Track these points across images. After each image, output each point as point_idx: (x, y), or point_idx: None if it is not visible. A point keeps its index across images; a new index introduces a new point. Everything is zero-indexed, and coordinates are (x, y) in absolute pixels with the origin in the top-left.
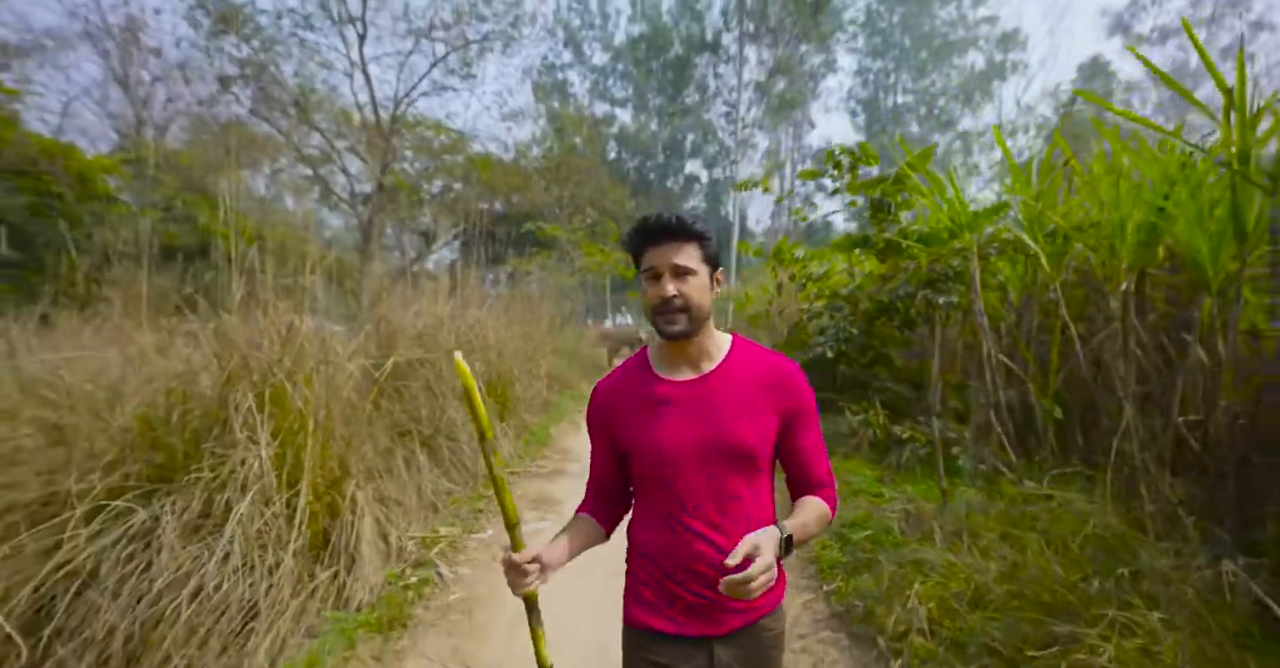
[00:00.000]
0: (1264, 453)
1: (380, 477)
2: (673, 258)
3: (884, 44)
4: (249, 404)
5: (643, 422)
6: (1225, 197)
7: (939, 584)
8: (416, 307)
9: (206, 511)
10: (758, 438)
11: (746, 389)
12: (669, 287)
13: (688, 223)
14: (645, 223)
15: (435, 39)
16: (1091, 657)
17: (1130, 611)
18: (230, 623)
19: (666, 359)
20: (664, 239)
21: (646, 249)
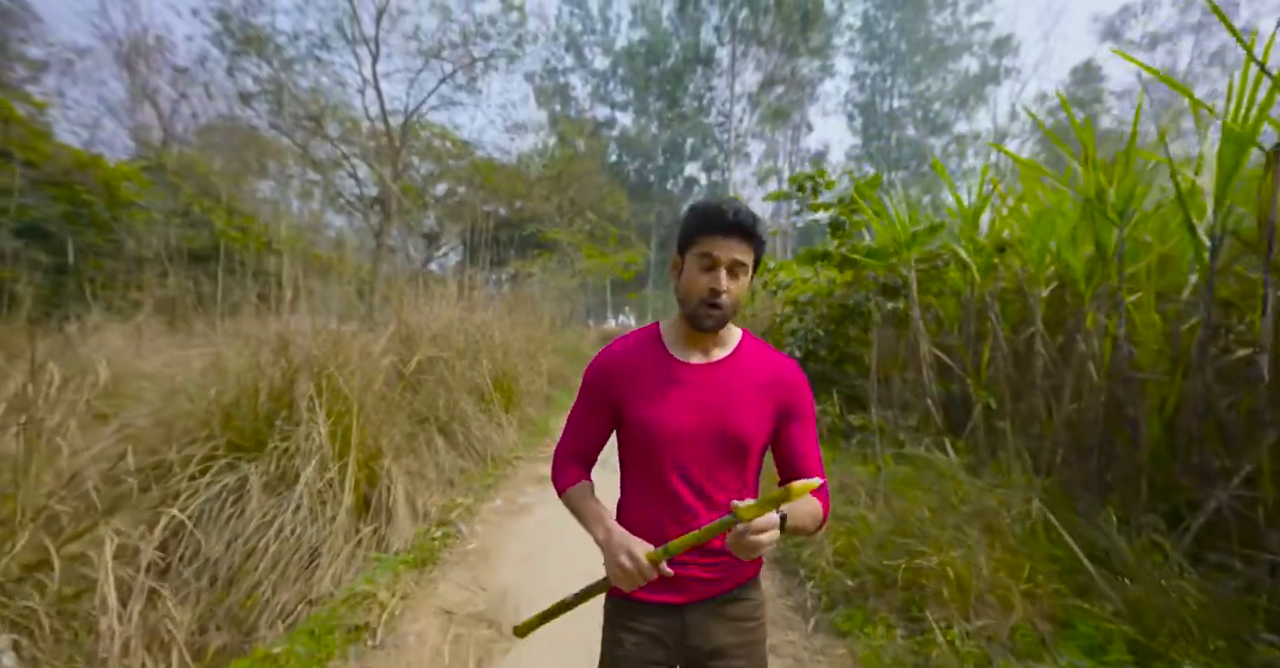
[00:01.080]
0: (1114, 428)
1: (406, 455)
2: (735, 254)
3: (880, 49)
4: (310, 392)
5: (655, 399)
6: (1088, 226)
7: (849, 532)
8: (429, 310)
9: (281, 474)
10: (756, 430)
11: (752, 382)
12: (724, 281)
13: (757, 225)
14: (721, 213)
15: (444, 59)
16: (924, 561)
17: (961, 533)
18: (301, 559)
19: (682, 341)
20: (734, 234)
21: (712, 237)
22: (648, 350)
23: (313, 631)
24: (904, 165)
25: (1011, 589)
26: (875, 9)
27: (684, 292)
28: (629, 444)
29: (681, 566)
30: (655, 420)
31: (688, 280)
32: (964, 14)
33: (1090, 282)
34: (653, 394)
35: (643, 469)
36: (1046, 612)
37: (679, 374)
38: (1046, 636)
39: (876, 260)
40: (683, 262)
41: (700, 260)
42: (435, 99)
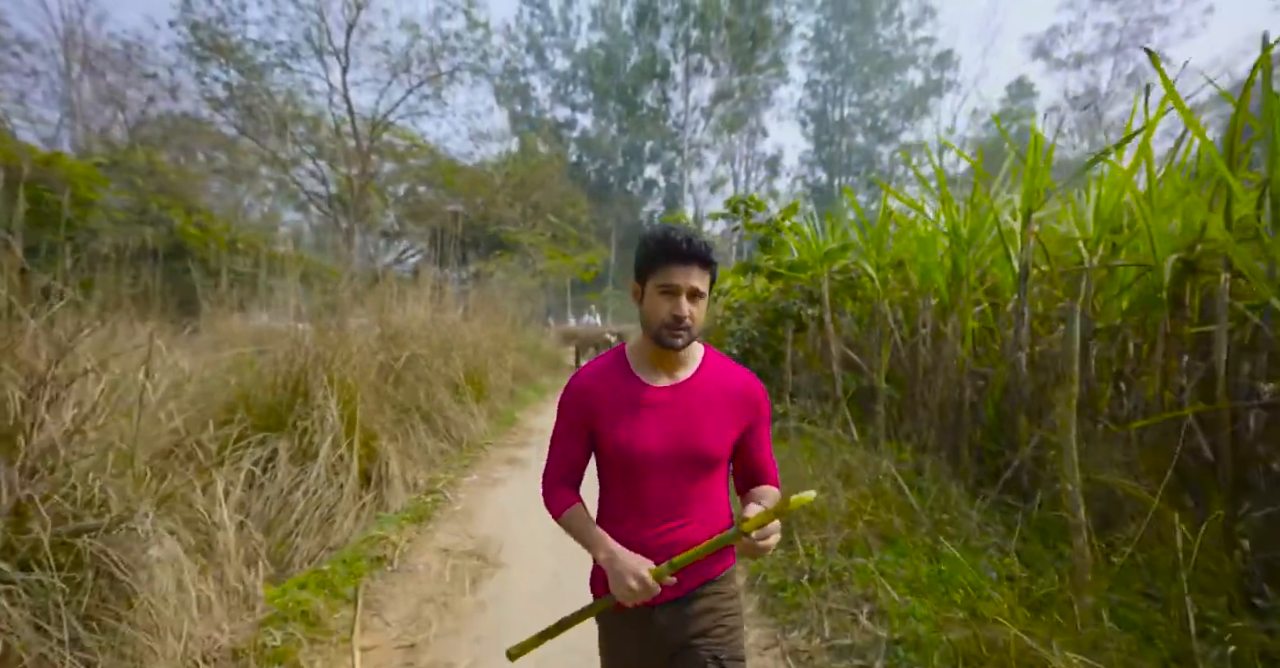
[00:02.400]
0: (963, 411)
1: (396, 438)
2: (693, 281)
3: (831, 59)
4: (324, 382)
5: (626, 422)
6: (948, 251)
7: None
8: (405, 310)
9: (303, 447)
10: (722, 444)
11: (717, 399)
12: (685, 307)
13: (711, 253)
14: (677, 245)
15: (412, 73)
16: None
17: (830, 483)
18: (321, 515)
19: (647, 364)
20: (691, 263)
21: (670, 266)
22: (615, 375)
23: (344, 559)
24: (854, 171)
25: (856, 518)
26: (826, 20)
27: (647, 317)
28: (605, 465)
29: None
30: (626, 444)
31: (650, 307)
32: (909, 28)
33: (951, 296)
34: (623, 418)
35: (619, 486)
36: (879, 533)
37: (646, 397)
38: (874, 546)
39: (797, 273)
40: (643, 289)
41: (660, 288)
42: (403, 108)
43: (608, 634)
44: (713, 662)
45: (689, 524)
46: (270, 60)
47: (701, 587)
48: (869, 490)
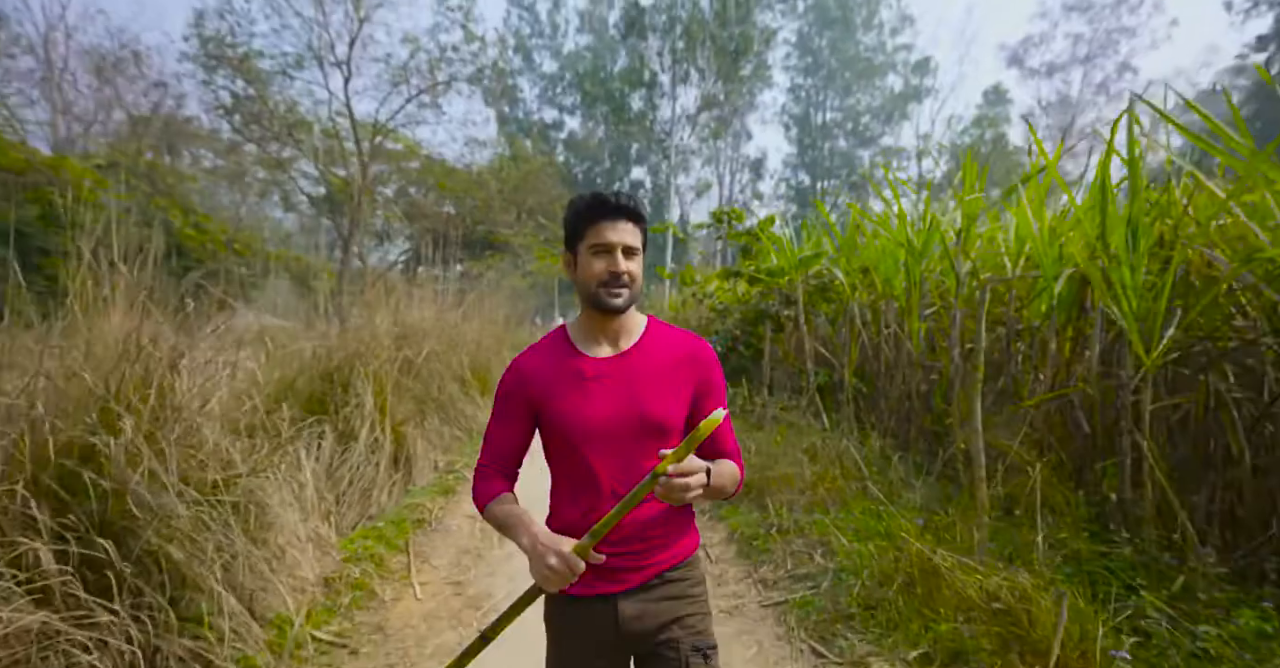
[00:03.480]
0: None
1: (419, 426)
2: (626, 237)
3: (814, 64)
4: (363, 374)
5: (569, 397)
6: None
7: None
8: (415, 310)
9: (345, 430)
10: (672, 412)
11: (664, 366)
12: (622, 263)
13: (639, 206)
14: (602, 200)
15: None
16: (771, 473)
17: (798, 459)
18: (361, 489)
19: (589, 336)
20: (620, 218)
21: (599, 224)
22: (556, 351)
23: (392, 520)
24: (835, 174)
25: (818, 486)
26: (809, 26)
27: (583, 281)
28: (551, 443)
29: (615, 555)
30: (571, 417)
31: (584, 271)
32: (888, 36)
33: (909, 300)
34: (567, 392)
35: (567, 465)
36: (836, 497)
37: (589, 369)
38: (831, 507)
39: (775, 278)
40: (575, 256)
41: (593, 249)
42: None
43: (561, 633)
44: (694, 653)
45: (652, 509)
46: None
47: (666, 572)
48: (830, 465)
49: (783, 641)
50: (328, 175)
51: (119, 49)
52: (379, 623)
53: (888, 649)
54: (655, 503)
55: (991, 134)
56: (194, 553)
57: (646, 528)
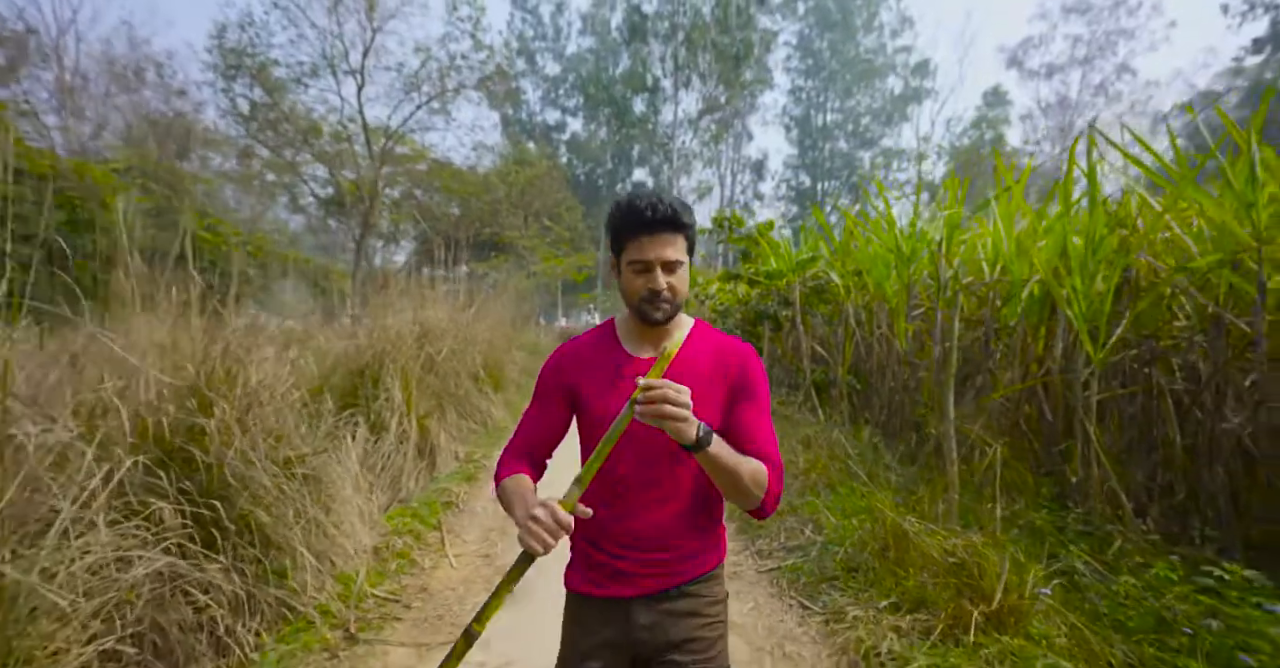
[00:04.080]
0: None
1: (440, 419)
2: (666, 252)
3: (815, 66)
4: (390, 369)
5: (605, 393)
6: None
7: None
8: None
9: (376, 422)
10: (709, 418)
11: (701, 372)
12: (662, 280)
13: (683, 216)
14: (641, 212)
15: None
16: None
17: (793, 447)
18: (391, 475)
19: (634, 335)
20: (660, 230)
21: (637, 239)
22: (602, 347)
23: (425, 502)
24: (836, 175)
25: (810, 472)
26: (809, 28)
27: (625, 293)
28: (585, 439)
29: (629, 560)
30: (600, 411)
31: (626, 283)
32: (888, 37)
33: (898, 302)
34: (604, 389)
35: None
36: (827, 482)
37: (629, 369)
38: (822, 491)
39: (773, 281)
40: (618, 263)
41: (633, 265)
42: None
43: (572, 633)
44: None
45: (662, 508)
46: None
47: (685, 585)
48: (822, 454)
49: (775, 598)
50: (338, 178)
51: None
52: (423, 585)
53: (864, 602)
54: (682, 514)
55: (991, 135)
56: (278, 517)
57: (670, 535)
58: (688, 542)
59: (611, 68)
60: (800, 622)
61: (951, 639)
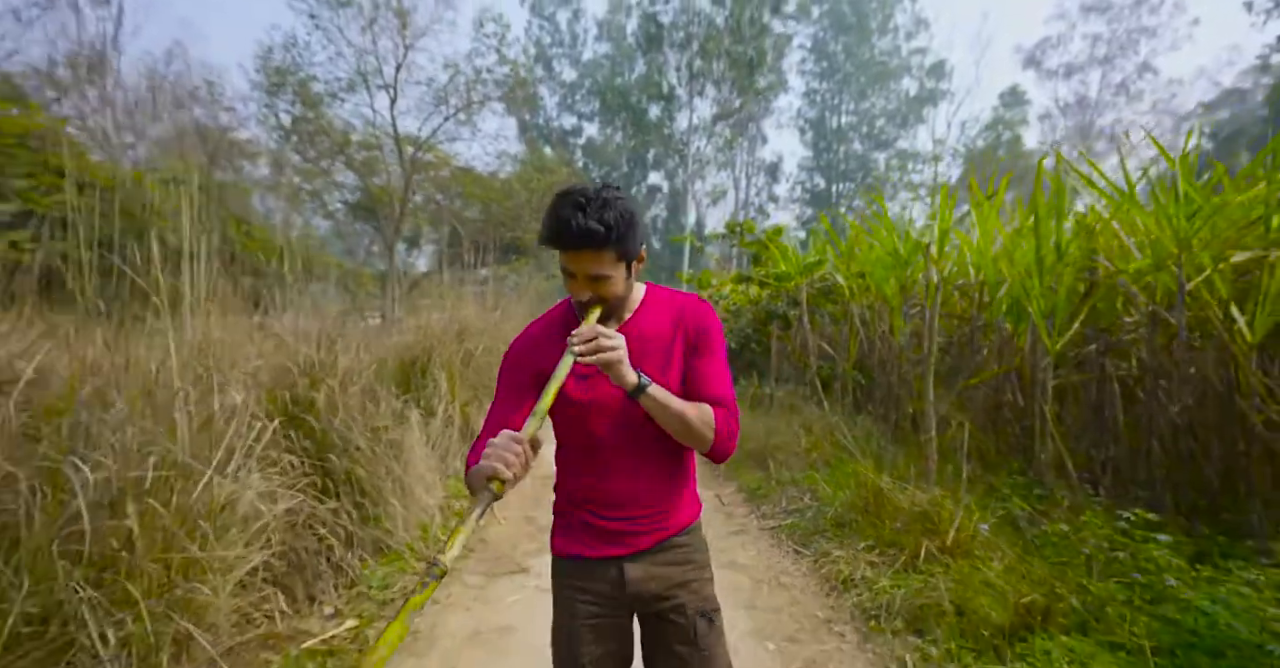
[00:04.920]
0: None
1: (479, 408)
2: (588, 268)
3: (829, 68)
4: (437, 361)
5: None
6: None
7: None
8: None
9: (426, 407)
10: (673, 381)
11: (657, 335)
12: (585, 292)
13: (600, 235)
14: (557, 230)
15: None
16: (774, 441)
17: (795, 432)
18: (439, 455)
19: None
20: (578, 246)
21: (562, 251)
22: (557, 324)
23: None
24: (851, 177)
25: (812, 453)
26: (824, 31)
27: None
28: (555, 418)
29: (621, 519)
30: (569, 392)
31: (564, 282)
32: (903, 40)
33: (896, 302)
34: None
35: (569, 440)
36: (825, 461)
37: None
38: (821, 467)
39: (782, 282)
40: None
41: (564, 270)
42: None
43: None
44: (700, 617)
45: (637, 469)
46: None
47: (671, 538)
48: (822, 437)
49: (774, 547)
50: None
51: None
52: (481, 537)
53: (846, 546)
54: (657, 473)
55: (1008, 136)
56: (372, 473)
57: (651, 493)
58: (668, 498)
59: (627, 73)
60: (794, 562)
61: (912, 568)
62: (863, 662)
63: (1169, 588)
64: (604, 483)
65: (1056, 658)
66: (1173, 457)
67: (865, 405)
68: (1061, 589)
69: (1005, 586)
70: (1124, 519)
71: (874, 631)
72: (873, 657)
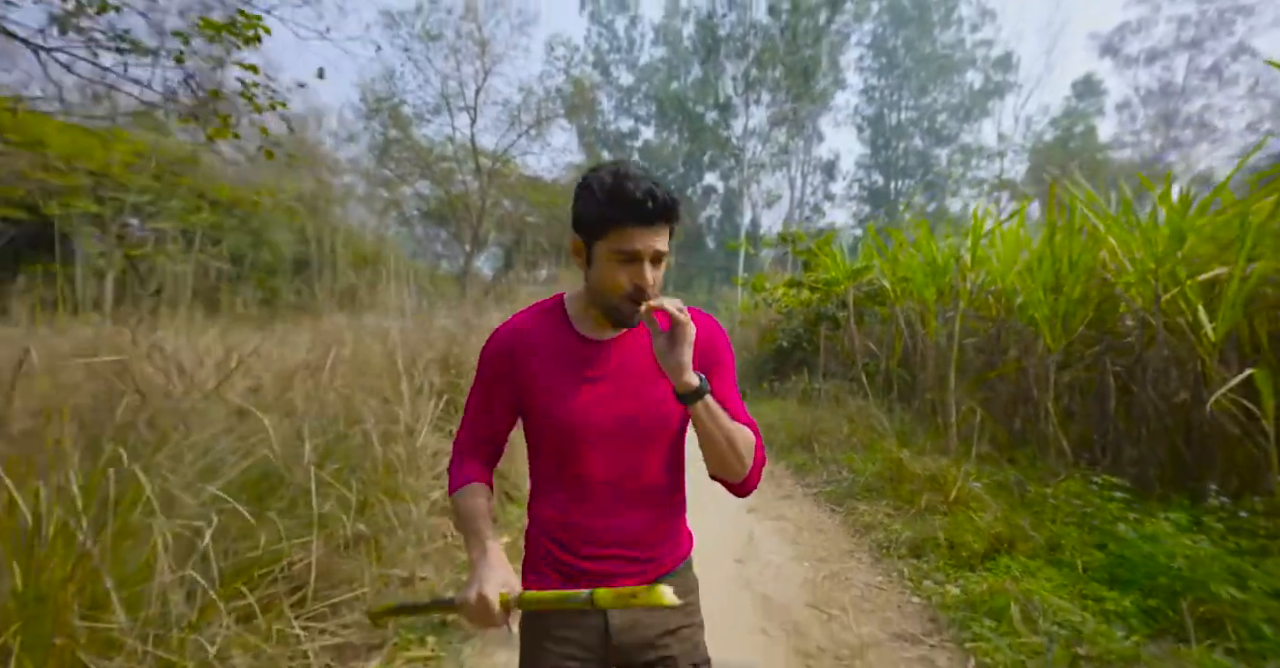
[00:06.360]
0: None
1: None
2: (657, 243)
3: (888, 64)
4: None
5: (560, 384)
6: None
7: (791, 424)
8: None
9: None
10: (676, 407)
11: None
12: (649, 274)
13: (678, 205)
14: (638, 204)
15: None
16: (819, 428)
17: (838, 421)
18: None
19: (589, 318)
20: (656, 221)
21: (630, 227)
22: (549, 328)
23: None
24: (910, 173)
25: (852, 438)
26: (883, 27)
27: (599, 285)
28: (533, 432)
29: (602, 560)
30: (562, 410)
31: (604, 275)
32: (968, 32)
33: (932, 305)
34: (558, 379)
35: (550, 461)
36: (864, 444)
37: (586, 353)
38: (859, 451)
39: (831, 287)
40: (588, 249)
41: (617, 255)
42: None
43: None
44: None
45: (631, 503)
46: (415, 114)
47: (665, 577)
48: (862, 425)
49: (815, 506)
50: (449, 194)
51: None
52: None
53: (873, 504)
54: (653, 507)
55: (1081, 129)
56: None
57: (644, 529)
58: (661, 534)
59: (683, 77)
60: (829, 516)
61: (920, 517)
62: (873, 573)
63: (1110, 527)
64: (591, 519)
65: (1013, 569)
66: (1156, 438)
67: (907, 398)
68: (1029, 530)
69: (986, 526)
70: (1095, 484)
71: (884, 556)
72: (880, 570)
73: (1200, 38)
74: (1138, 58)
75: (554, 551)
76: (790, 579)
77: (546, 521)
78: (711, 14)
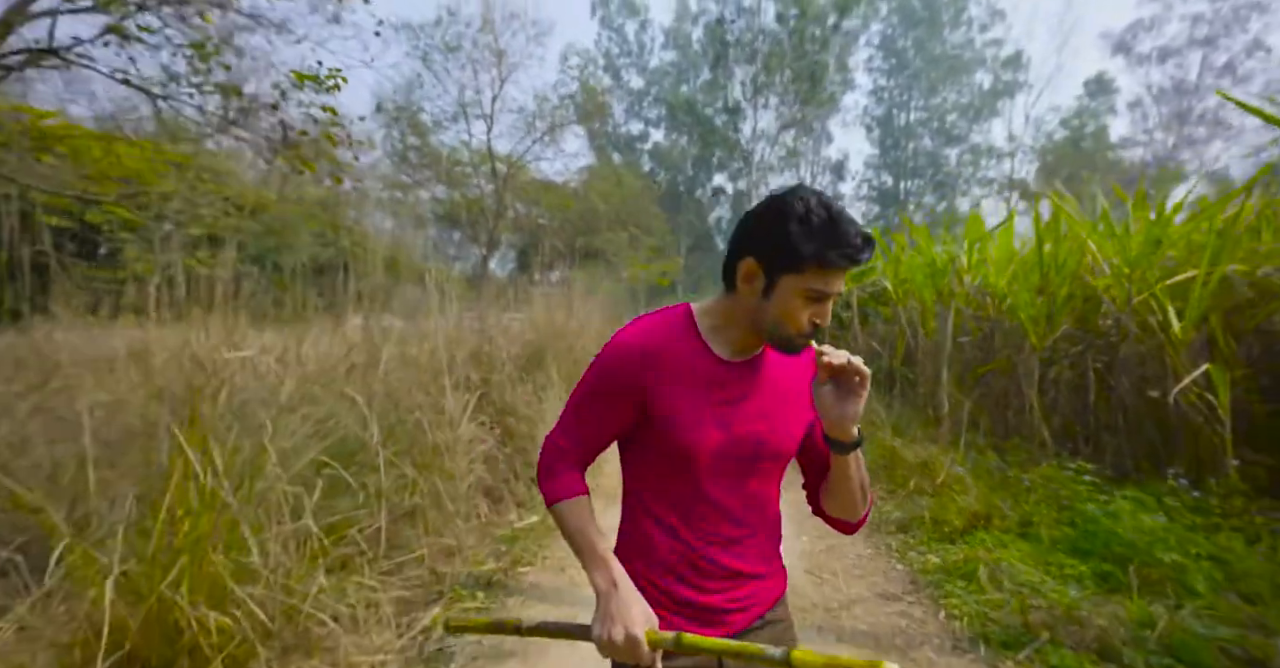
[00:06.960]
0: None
1: None
2: (842, 284)
3: (898, 65)
4: (551, 353)
5: (692, 404)
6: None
7: None
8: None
9: (540, 388)
10: (797, 434)
11: (794, 377)
12: (829, 313)
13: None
14: (855, 245)
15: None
16: None
17: None
18: None
19: (725, 338)
20: (857, 264)
21: (829, 271)
22: (683, 345)
23: None
24: (920, 174)
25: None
26: (892, 28)
27: (776, 317)
28: (649, 449)
29: (716, 593)
30: (692, 431)
31: (785, 309)
32: (977, 32)
33: (932, 306)
34: (689, 397)
35: (665, 479)
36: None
37: (719, 375)
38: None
39: None
40: (770, 282)
41: (810, 292)
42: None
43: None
44: None
45: (745, 533)
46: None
47: (768, 613)
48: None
49: None
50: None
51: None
52: (594, 485)
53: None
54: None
55: (1092, 128)
56: (531, 430)
57: (756, 563)
58: (769, 569)
59: (693, 79)
60: None
61: (910, 499)
62: (864, 546)
63: (1081, 506)
64: (712, 551)
65: (988, 542)
66: (1132, 428)
67: (908, 395)
68: (1005, 509)
69: (966, 506)
70: (1070, 469)
71: (875, 533)
72: (871, 544)
73: (1214, 35)
74: (1150, 56)
75: (672, 585)
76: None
77: (664, 553)
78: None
